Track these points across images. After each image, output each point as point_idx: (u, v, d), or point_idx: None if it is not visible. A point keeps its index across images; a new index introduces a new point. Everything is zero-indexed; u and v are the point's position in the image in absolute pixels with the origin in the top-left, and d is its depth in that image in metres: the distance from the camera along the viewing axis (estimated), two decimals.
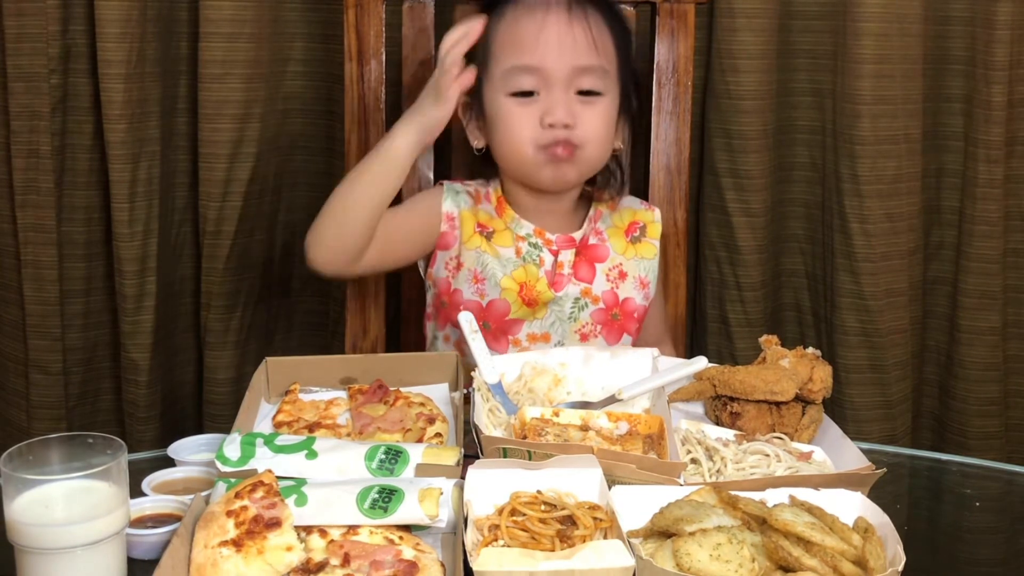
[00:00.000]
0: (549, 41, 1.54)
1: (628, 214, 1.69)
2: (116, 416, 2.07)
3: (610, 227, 1.67)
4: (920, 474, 1.42)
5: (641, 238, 1.68)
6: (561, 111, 1.54)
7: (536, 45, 1.54)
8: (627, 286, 1.64)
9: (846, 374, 1.99)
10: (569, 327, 1.62)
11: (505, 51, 1.57)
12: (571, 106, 1.55)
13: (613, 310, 1.63)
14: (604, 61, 1.57)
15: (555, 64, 1.54)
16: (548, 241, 1.63)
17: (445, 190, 1.63)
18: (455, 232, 1.61)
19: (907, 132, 1.94)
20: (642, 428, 1.27)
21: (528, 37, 1.55)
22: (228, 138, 1.94)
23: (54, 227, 1.96)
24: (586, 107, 1.56)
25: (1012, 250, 2.03)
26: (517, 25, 1.57)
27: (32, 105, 1.92)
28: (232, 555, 1.00)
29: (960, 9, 1.95)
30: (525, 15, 1.57)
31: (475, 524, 1.07)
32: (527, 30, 1.56)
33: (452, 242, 1.62)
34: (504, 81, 1.56)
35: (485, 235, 1.62)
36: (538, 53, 1.54)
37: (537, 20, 1.55)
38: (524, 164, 1.58)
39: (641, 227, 1.68)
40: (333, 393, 1.38)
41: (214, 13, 1.89)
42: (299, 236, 2.08)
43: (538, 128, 1.55)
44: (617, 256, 1.65)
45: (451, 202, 1.62)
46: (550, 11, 1.56)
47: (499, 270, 1.60)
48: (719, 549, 0.99)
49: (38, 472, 1.00)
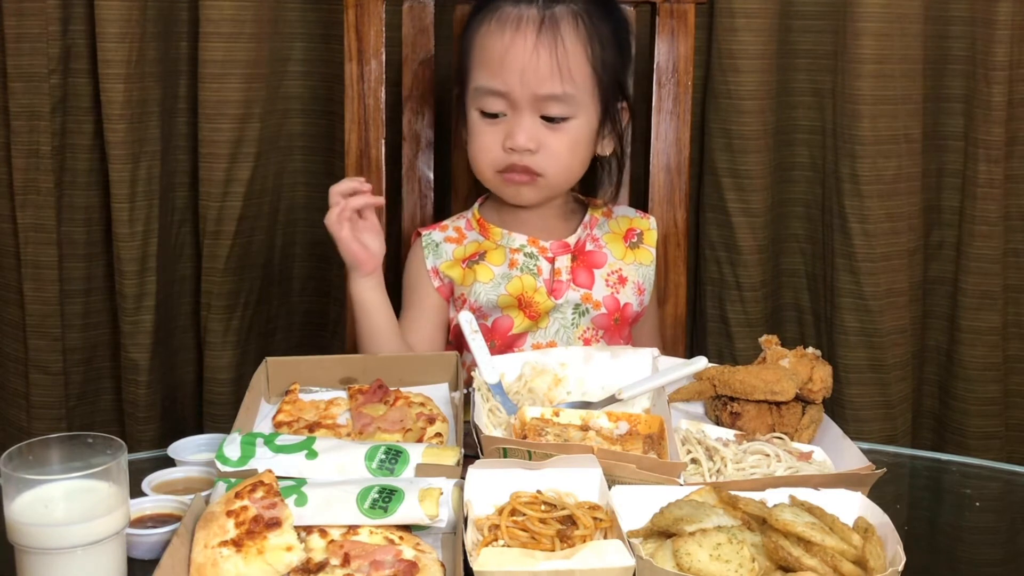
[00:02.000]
0: (512, 66, 1.52)
1: (625, 222, 1.69)
2: (116, 416, 2.07)
3: (608, 233, 1.67)
4: (920, 474, 1.42)
5: (639, 244, 1.68)
6: (522, 136, 1.54)
7: (500, 69, 1.53)
8: (627, 291, 1.64)
9: (846, 374, 1.99)
10: (573, 333, 1.62)
11: (476, 68, 1.56)
12: (535, 131, 1.54)
13: (615, 315, 1.63)
14: (571, 87, 1.53)
15: (518, 90, 1.53)
16: (543, 249, 1.63)
17: (424, 246, 1.64)
18: (446, 283, 1.63)
19: (907, 132, 1.94)
20: (642, 428, 1.27)
21: (494, 59, 1.53)
22: (228, 138, 1.94)
23: (54, 227, 1.96)
24: (551, 132, 1.55)
25: (1012, 250, 2.03)
26: (488, 42, 1.55)
27: (32, 105, 1.92)
28: (232, 555, 1.00)
29: (960, 9, 1.95)
30: (496, 32, 1.54)
31: (475, 524, 1.07)
32: (494, 50, 1.53)
33: (448, 292, 1.63)
34: (474, 98, 1.57)
35: (475, 262, 1.62)
36: (501, 77, 1.53)
37: (505, 41, 1.53)
38: (486, 181, 1.61)
39: (639, 234, 1.68)
40: (333, 393, 1.38)
41: (214, 13, 1.89)
42: (299, 236, 2.10)
43: (500, 151, 1.56)
44: (616, 261, 1.65)
45: (432, 257, 1.63)
46: (518, 32, 1.52)
47: (494, 290, 1.60)
48: (719, 549, 0.99)
49: (38, 472, 1.00)
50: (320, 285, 2.11)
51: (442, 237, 1.65)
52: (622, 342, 1.64)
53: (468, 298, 1.60)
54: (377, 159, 1.74)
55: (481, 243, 1.64)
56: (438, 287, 1.62)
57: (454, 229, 1.66)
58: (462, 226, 1.67)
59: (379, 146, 1.74)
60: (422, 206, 1.80)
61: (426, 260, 1.63)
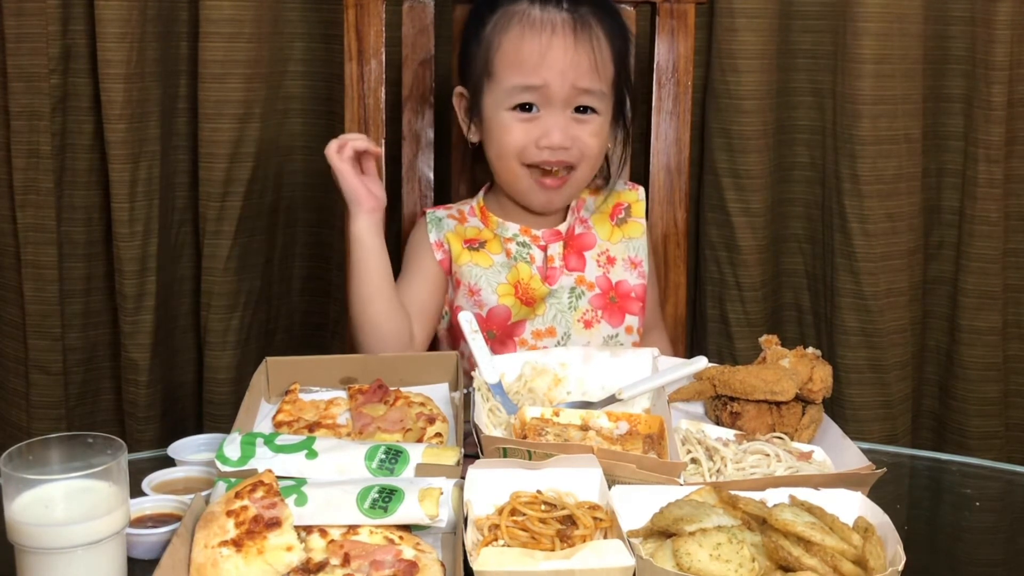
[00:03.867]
0: (554, 63, 1.55)
1: (612, 196, 1.71)
2: (116, 416, 2.07)
3: (594, 214, 1.69)
4: (920, 474, 1.42)
5: (627, 219, 1.70)
6: (558, 135, 1.56)
7: (541, 66, 1.55)
8: (617, 269, 1.67)
9: (846, 374, 1.99)
10: (571, 316, 1.63)
11: (509, 69, 1.57)
12: (568, 127, 1.57)
13: (610, 294, 1.65)
14: (603, 84, 1.59)
15: (558, 85, 1.56)
16: (535, 238, 1.65)
17: (428, 221, 1.66)
18: (448, 256, 1.64)
19: (907, 132, 1.94)
20: (642, 428, 1.27)
21: (532, 57, 1.56)
22: (228, 138, 1.94)
23: (54, 227, 1.96)
24: (582, 125, 1.58)
25: (1012, 250, 2.03)
26: (522, 43, 1.57)
27: (32, 105, 1.92)
28: (232, 555, 1.00)
29: (960, 9, 1.95)
30: (531, 33, 1.57)
31: (475, 524, 1.07)
32: (532, 50, 1.56)
33: (448, 266, 1.64)
34: (507, 97, 1.58)
35: (475, 248, 1.63)
36: (542, 74, 1.56)
37: (543, 41, 1.56)
38: (515, 180, 1.61)
39: (626, 207, 1.70)
40: (333, 393, 1.38)
41: (214, 13, 1.89)
42: (299, 236, 2.10)
43: (532, 147, 1.57)
44: (604, 243, 1.67)
45: (436, 231, 1.64)
46: (556, 32, 1.56)
47: (493, 278, 1.62)
48: (719, 549, 0.99)
49: (38, 472, 1.00)
50: (320, 285, 2.11)
51: (445, 214, 1.67)
52: (624, 319, 1.65)
53: (463, 281, 1.61)
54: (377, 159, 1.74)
55: (481, 230, 1.66)
56: (440, 259, 1.64)
57: (457, 211, 1.68)
58: (466, 210, 1.69)
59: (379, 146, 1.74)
60: (422, 206, 1.80)
61: (429, 234, 1.64)
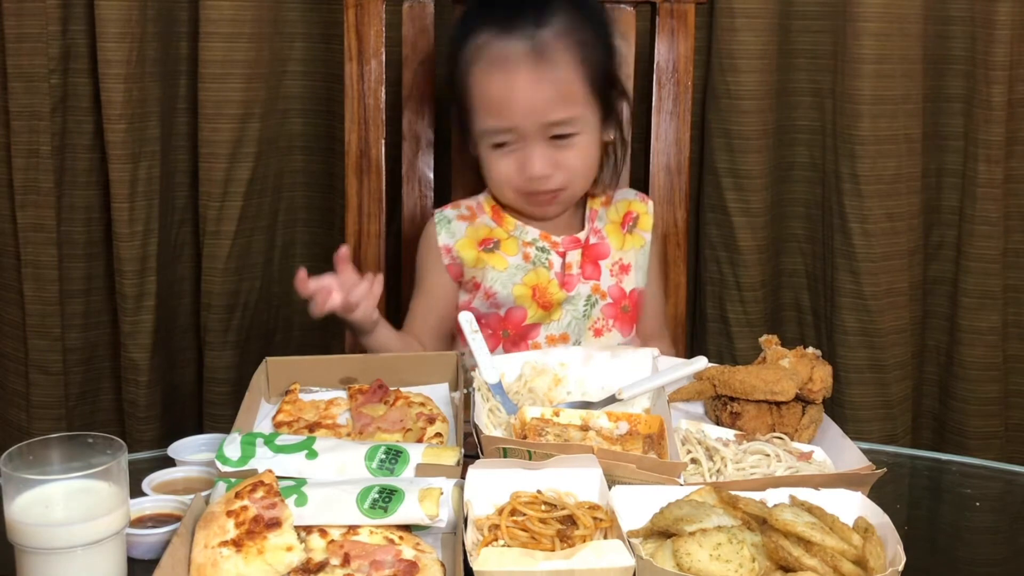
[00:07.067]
0: (518, 105, 1.53)
1: (623, 205, 1.70)
2: (116, 416, 2.07)
3: (607, 224, 1.69)
4: (920, 474, 1.42)
5: (634, 228, 1.70)
6: (538, 166, 1.56)
7: (506, 109, 1.54)
8: (630, 278, 1.67)
9: (846, 374, 1.99)
10: (584, 324, 1.64)
11: (480, 112, 1.57)
12: (547, 155, 1.56)
13: (623, 303, 1.66)
14: (577, 107, 1.56)
15: (527, 124, 1.54)
16: (555, 244, 1.65)
17: (437, 223, 1.65)
18: (457, 262, 1.64)
19: (907, 132, 1.94)
20: (642, 428, 1.27)
21: (496, 99, 1.55)
22: (228, 138, 1.94)
23: (54, 227, 1.96)
24: (563, 150, 1.57)
25: (1012, 250, 2.03)
26: (488, 84, 1.55)
27: (32, 105, 1.92)
28: (232, 555, 1.00)
29: (960, 9, 1.95)
30: (494, 72, 1.54)
31: (475, 524, 1.07)
32: (496, 91, 1.54)
33: (458, 272, 1.64)
34: (484, 136, 1.58)
35: (489, 249, 1.63)
36: (507, 116, 1.54)
37: (505, 81, 1.53)
38: (510, 202, 1.63)
39: (635, 218, 1.70)
40: (333, 393, 1.38)
41: (214, 13, 1.89)
42: (299, 236, 2.09)
43: (519, 179, 1.58)
44: (616, 252, 1.67)
45: (445, 234, 1.64)
46: (518, 70, 1.53)
47: (509, 280, 1.62)
48: (719, 549, 0.99)
49: (38, 472, 1.00)
50: None
51: (455, 214, 1.66)
52: (633, 328, 1.66)
53: (482, 284, 1.61)
54: (377, 159, 1.74)
55: (493, 229, 1.65)
56: (448, 265, 1.64)
57: (467, 208, 1.68)
58: (474, 206, 1.68)
59: (379, 146, 1.74)
60: (422, 206, 1.80)
61: (438, 237, 1.64)
